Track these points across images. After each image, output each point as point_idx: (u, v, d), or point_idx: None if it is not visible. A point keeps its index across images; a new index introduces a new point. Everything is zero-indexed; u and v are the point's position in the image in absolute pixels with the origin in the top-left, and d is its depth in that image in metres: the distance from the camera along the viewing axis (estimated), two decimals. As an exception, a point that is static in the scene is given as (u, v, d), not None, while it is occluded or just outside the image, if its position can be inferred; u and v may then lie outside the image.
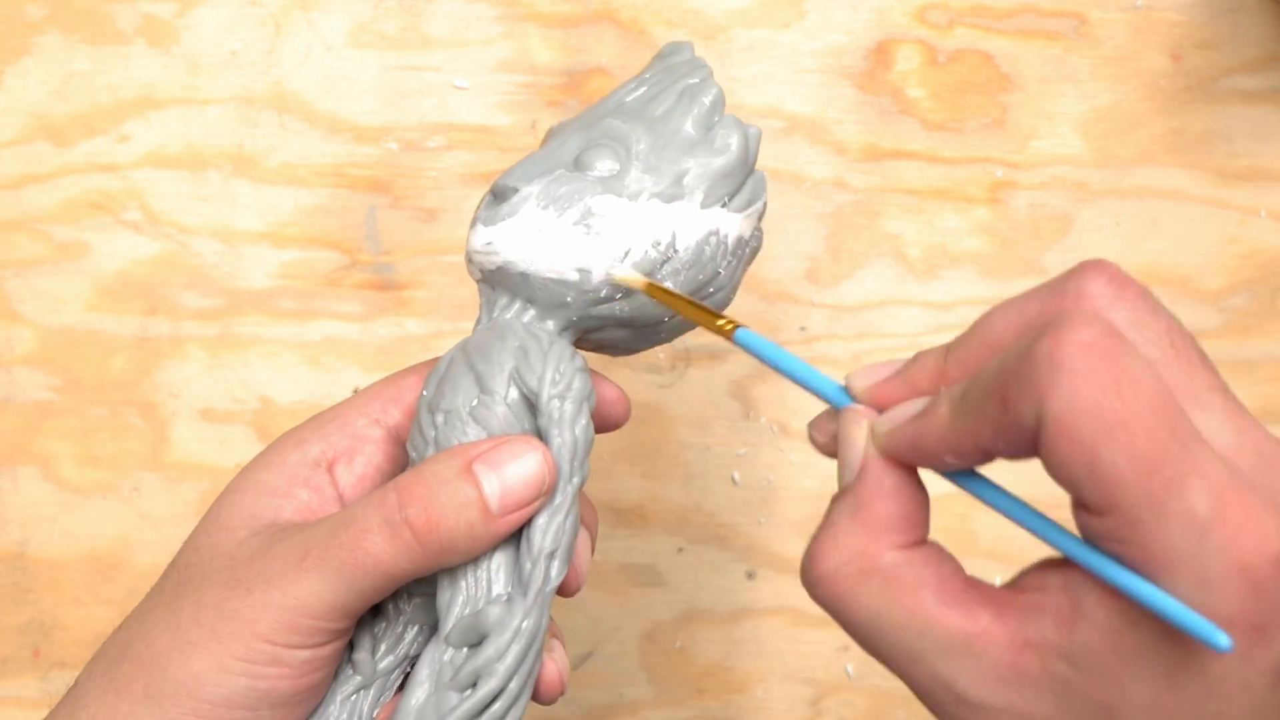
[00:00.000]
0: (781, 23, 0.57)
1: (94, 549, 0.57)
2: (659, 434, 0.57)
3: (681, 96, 0.41)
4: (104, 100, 0.57)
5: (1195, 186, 0.57)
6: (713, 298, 0.40)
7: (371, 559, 0.35)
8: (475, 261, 0.40)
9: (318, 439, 0.39)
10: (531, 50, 0.57)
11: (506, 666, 0.37)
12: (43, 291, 0.57)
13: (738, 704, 0.57)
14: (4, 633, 0.57)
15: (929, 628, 0.30)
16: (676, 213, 0.39)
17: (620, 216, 0.38)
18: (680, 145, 0.40)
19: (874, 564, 0.31)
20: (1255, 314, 0.57)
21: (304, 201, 0.57)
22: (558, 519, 0.37)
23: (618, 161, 0.39)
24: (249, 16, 0.57)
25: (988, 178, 0.57)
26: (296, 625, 0.35)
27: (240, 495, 0.39)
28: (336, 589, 0.35)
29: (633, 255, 0.38)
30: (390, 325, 0.57)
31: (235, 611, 0.35)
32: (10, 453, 0.57)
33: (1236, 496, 0.27)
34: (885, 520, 0.31)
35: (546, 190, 0.39)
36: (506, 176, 0.40)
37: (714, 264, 0.39)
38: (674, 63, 0.42)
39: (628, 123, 0.40)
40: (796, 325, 0.57)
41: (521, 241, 0.39)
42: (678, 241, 0.39)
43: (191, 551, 0.38)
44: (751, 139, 0.40)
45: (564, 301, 0.39)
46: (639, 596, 0.57)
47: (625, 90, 0.42)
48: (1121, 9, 0.58)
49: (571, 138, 0.41)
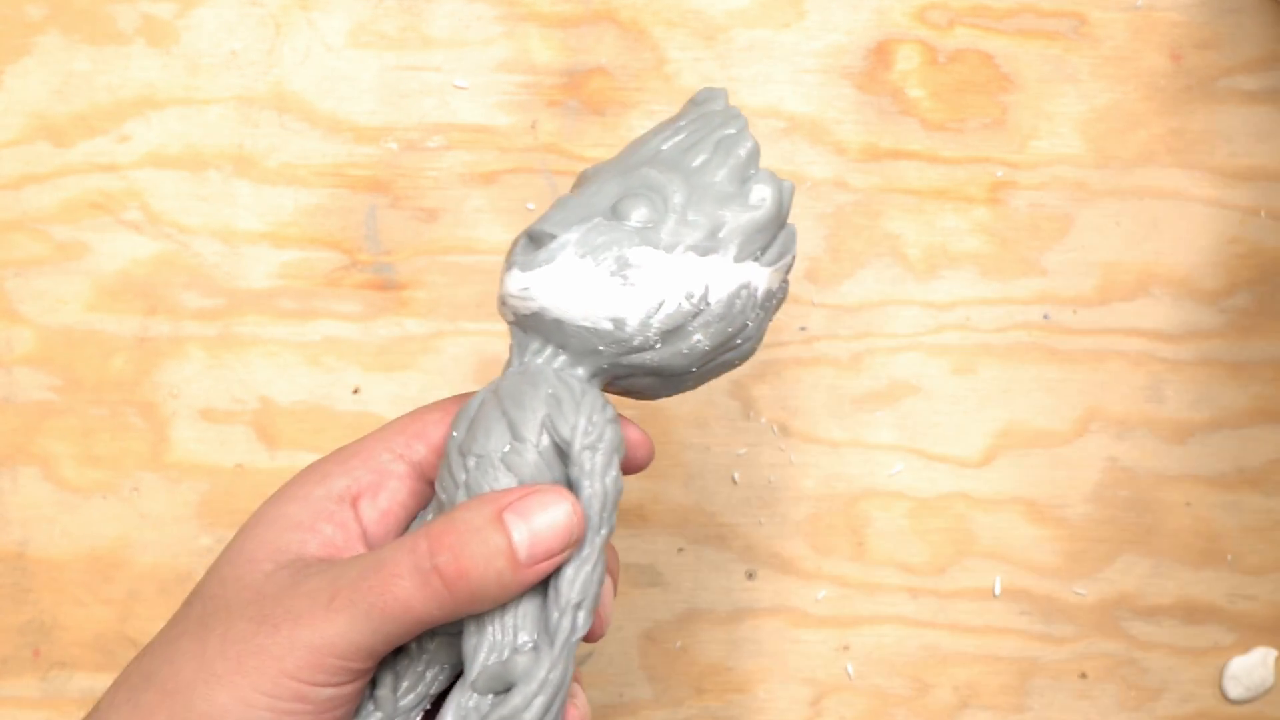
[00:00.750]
0: (781, 23, 0.57)
1: (94, 549, 0.57)
2: (659, 434, 0.57)
3: (718, 148, 0.41)
4: (104, 100, 0.57)
5: (1195, 186, 0.57)
6: (739, 349, 0.41)
7: (400, 604, 0.36)
8: (510, 305, 0.40)
9: (342, 473, 0.40)
10: (531, 50, 0.57)
11: (533, 716, 0.37)
12: (43, 291, 0.57)
13: (738, 704, 0.57)
14: (4, 633, 0.57)
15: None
16: (710, 266, 0.39)
17: (656, 268, 0.39)
18: (715, 198, 0.40)
19: None
20: (1255, 314, 0.57)
21: (304, 201, 0.57)
22: (585, 570, 0.38)
23: (654, 212, 0.40)
24: (249, 16, 0.57)
25: (988, 178, 0.57)
26: (323, 664, 0.36)
27: (265, 528, 0.39)
28: (364, 631, 0.36)
29: (666, 307, 0.39)
30: (390, 325, 0.57)
31: (262, 647, 0.36)
32: (10, 453, 0.57)
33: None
34: None
35: (585, 239, 0.39)
36: (544, 222, 0.40)
37: (743, 316, 0.40)
38: (709, 111, 0.42)
39: (665, 173, 0.40)
40: (796, 325, 0.57)
41: (558, 289, 0.39)
42: (710, 295, 0.39)
43: (217, 583, 0.38)
44: (785, 194, 0.41)
45: (596, 349, 0.39)
46: (639, 596, 0.57)
47: (661, 137, 0.42)
48: (1121, 9, 0.57)
49: (608, 184, 0.41)
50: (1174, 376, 0.57)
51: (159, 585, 0.57)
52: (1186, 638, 0.57)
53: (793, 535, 0.57)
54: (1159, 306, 0.57)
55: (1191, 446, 0.57)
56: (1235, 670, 0.57)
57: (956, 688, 0.57)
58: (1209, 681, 0.58)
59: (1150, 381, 0.57)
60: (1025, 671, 0.57)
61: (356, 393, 0.57)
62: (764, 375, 0.57)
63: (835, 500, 0.57)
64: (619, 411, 0.40)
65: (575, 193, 0.41)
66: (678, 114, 0.43)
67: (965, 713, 0.57)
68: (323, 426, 0.57)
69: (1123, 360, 0.57)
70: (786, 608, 0.57)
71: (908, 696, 0.57)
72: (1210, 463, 0.57)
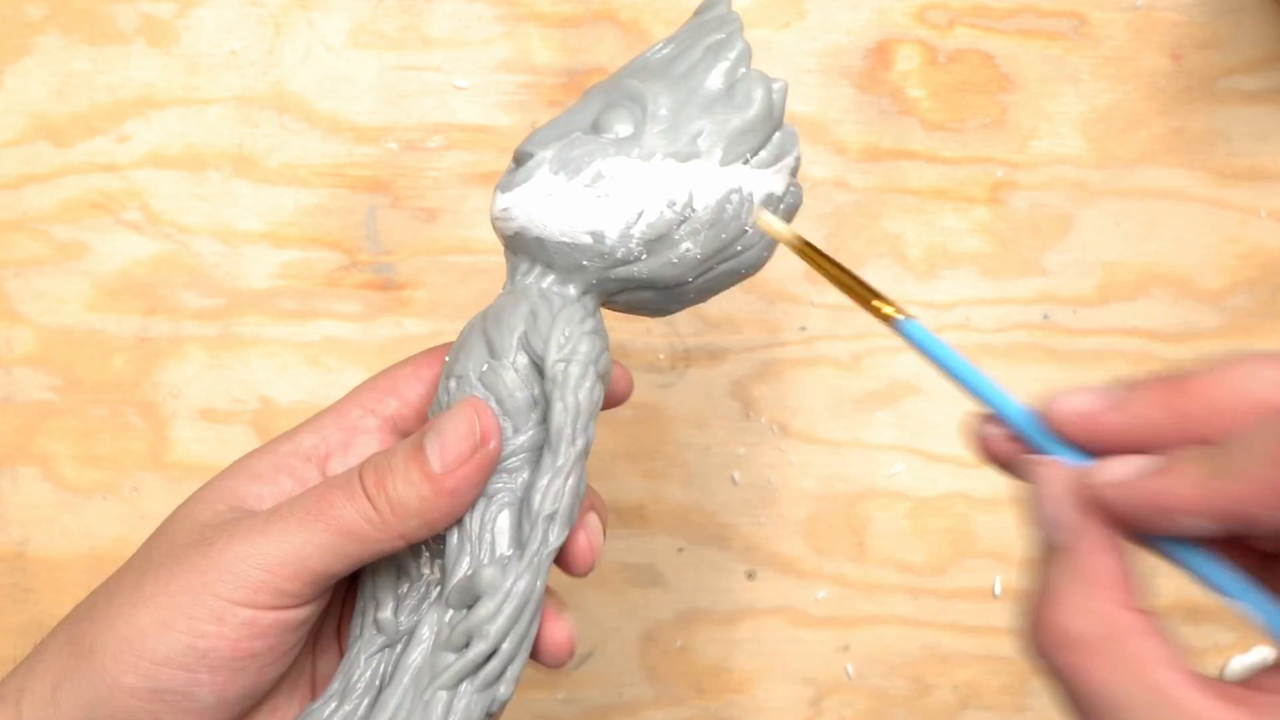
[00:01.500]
0: (781, 23, 0.57)
1: (94, 549, 0.57)
2: (659, 434, 0.57)
3: (706, 53, 0.40)
4: (104, 100, 0.57)
5: (1195, 186, 0.57)
6: (741, 256, 0.39)
7: (336, 522, 0.36)
8: (496, 227, 0.40)
9: (310, 431, 0.40)
10: (531, 50, 0.57)
11: (498, 628, 0.37)
12: (43, 291, 0.57)
13: (738, 704, 0.57)
14: (4, 633, 0.57)
15: (1177, 711, 0.28)
16: (693, 172, 0.38)
17: (633, 178, 0.38)
18: (700, 103, 0.39)
19: (1112, 630, 0.29)
20: (1255, 314, 0.57)
21: (304, 201, 0.57)
22: (558, 481, 0.37)
23: (633, 123, 0.39)
24: (249, 16, 0.57)
25: (988, 178, 0.57)
26: (251, 580, 0.35)
27: (226, 477, 0.39)
28: (296, 543, 0.36)
29: (646, 217, 0.38)
30: (390, 325, 0.57)
31: (193, 565, 0.36)
32: (10, 453, 0.57)
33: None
34: (1111, 579, 0.29)
35: (560, 154, 0.39)
36: (527, 141, 0.40)
37: (738, 222, 0.39)
38: (705, 19, 0.41)
39: (647, 82, 0.39)
40: (796, 325, 0.57)
41: (535, 206, 0.38)
42: (695, 201, 0.38)
43: (169, 521, 0.39)
44: (776, 93, 0.40)
45: (580, 265, 0.39)
46: (639, 596, 0.57)
47: (654, 49, 0.41)
48: (1121, 9, 0.57)
49: (594, 99, 0.40)
50: (1174, 376, 0.57)
51: (159, 585, 0.57)
52: (1186, 637, 0.57)
53: (793, 535, 0.57)
54: (1159, 306, 0.57)
55: (1191, 446, 0.57)
56: (1235, 670, 0.57)
57: (956, 688, 0.57)
58: (1209, 681, 0.58)
59: (1150, 381, 0.57)
60: (1025, 671, 0.57)
61: (356, 393, 0.57)
62: (764, 375, 0.57)
63: (835, 500, 0.57)
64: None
65: (565, 111, 0.41)
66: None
67: (965, 713, 0.57)
68: (323, 426, 0.57)
69: (1123, 360, 0.57)
70: (786, 608, 0.57)
71: (908, 696, 0.57)
72: (1210, 463, 0.57)
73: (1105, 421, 0.30)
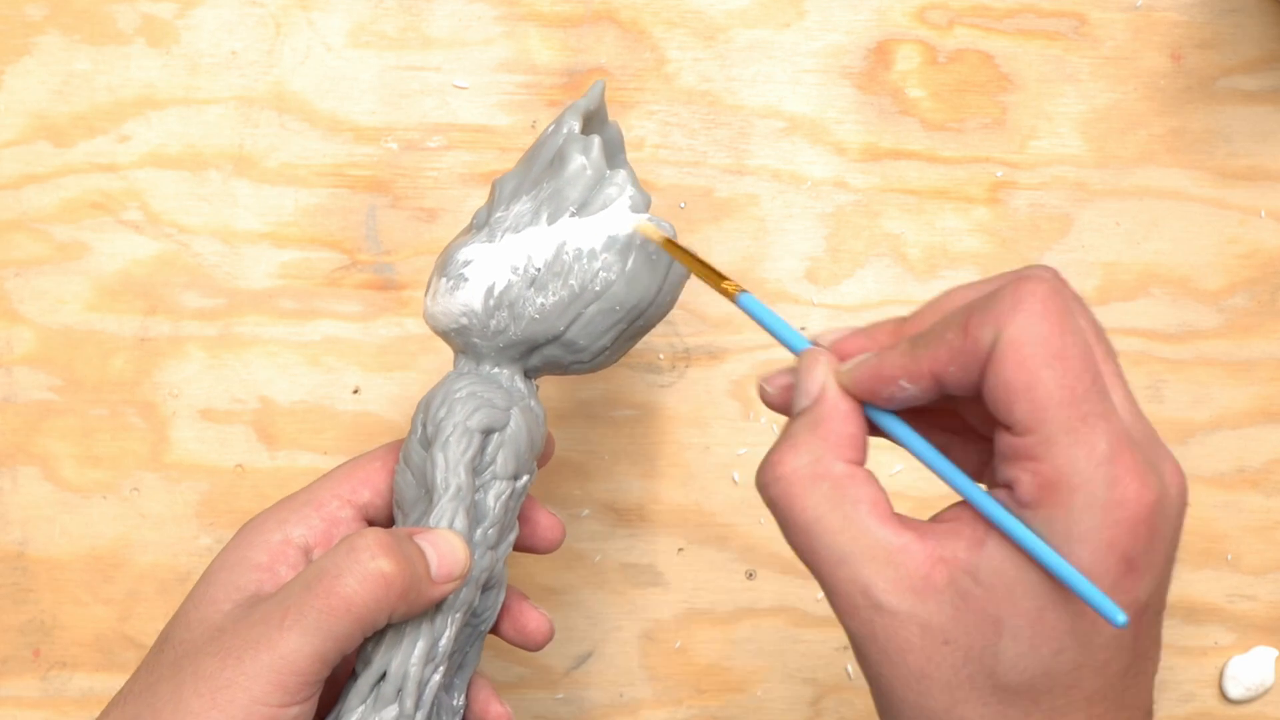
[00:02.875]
0: (781, 23, 0.57)
1: (94, 549, 0.57)
2: (659, 434, 0.57)
3: (553, 130, 0.45)
4: (104, 100, 0.57)
5: (1195, 186, 0.57)
6: (605, 295, 0.44)
7: (344, 602, 0.39)
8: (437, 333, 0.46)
9: (298, 520, 0.44)
10: (531, 50, 0.57)
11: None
12: (43, 291, 0.57)
13: (738, 704, 0.57)
14: (4, 633, 0.57)
15: (862, 535, 0.35)
16: (528, 238, 0.44)
17: (483, 258, 0.44)
18: (534, 177, 0.45)
19: (827, 470, 0.35)
20: (1255, 314, 0.57)
21: (304, 201, 0.57)
22: (443, 521, 0.43)
23: (488, 209, 0.45)
24: (249, 16, 0.57)
25: (988, 178, 0.57)
26: (286, 684, 0.39)
27: (226, 572, 0.43)
28: (315, 640, 0.39)
29: (498, 285, 0.44)
30: (390, 325, 0.57)
31: (231, 680, 0.39)
32: (10, 453, 0.57)
33: (1129, 448, 0.33)
34: (840, 436, 0.36)
35: (439, 259, 0.45)
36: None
37: (586, 267, 0.44)
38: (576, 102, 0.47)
39: (508, 172, 0.46)
40: (796, 325, 0.57)
41: (434, 307, 0.45)
42: (534, 261, 0.44)
43: (183, 627, 0.42)
44: (591, 147, 0.44)
45: (474, 343, 0.45)
46: (639, 596, 0.57)
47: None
48: (1121, 9, 0.57)
49: None
50: (1173, 376, 0.57)
51: (159, 585, 0.57)
52: (1186, 637, 0.57)
53: (793, 535, 0.57)
54: (1159, 306, 0.57)
55: (1191, 446, 0.57)
56: (1235, 670, 0.57)
57: (956, 688, 0.57)
58: (1209, 681, 0.58)
59: (1150, 381, 0.57)
60: (1025, 671, 0.57)
61: (356, 393, 0.57)
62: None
63: (835, 500, 0.57)
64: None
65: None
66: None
67: (965, 713, 0.57)
68: (323, 426, 0.57)
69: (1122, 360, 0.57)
70: (786, 608, 0.57)
71: (908, 696, 0.57)
72: (1210, 463, 0.57)
73: (852, 344, 0.37)
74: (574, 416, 0.57)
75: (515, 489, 0.44)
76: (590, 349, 0.45)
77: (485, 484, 0.44)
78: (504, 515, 0.44)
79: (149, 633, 0.57)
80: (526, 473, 0.45)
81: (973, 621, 0.33)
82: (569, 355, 0.45)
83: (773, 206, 0.57)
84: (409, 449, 0.44)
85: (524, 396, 0.45)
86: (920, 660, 0.34)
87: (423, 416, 0.44)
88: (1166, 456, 0.35)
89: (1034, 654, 0.33)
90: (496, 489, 0.44)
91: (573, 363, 0.45)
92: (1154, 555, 0.33)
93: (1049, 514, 0.32)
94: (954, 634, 0.34)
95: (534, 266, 0.44)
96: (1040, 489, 0.33)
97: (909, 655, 0.34)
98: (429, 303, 0.45)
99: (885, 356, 0.35)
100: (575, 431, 0.57)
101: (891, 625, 0.34)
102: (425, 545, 0.41)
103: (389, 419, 0.57)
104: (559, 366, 0.46)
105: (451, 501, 0.42)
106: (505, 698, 0.57)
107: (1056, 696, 0.33)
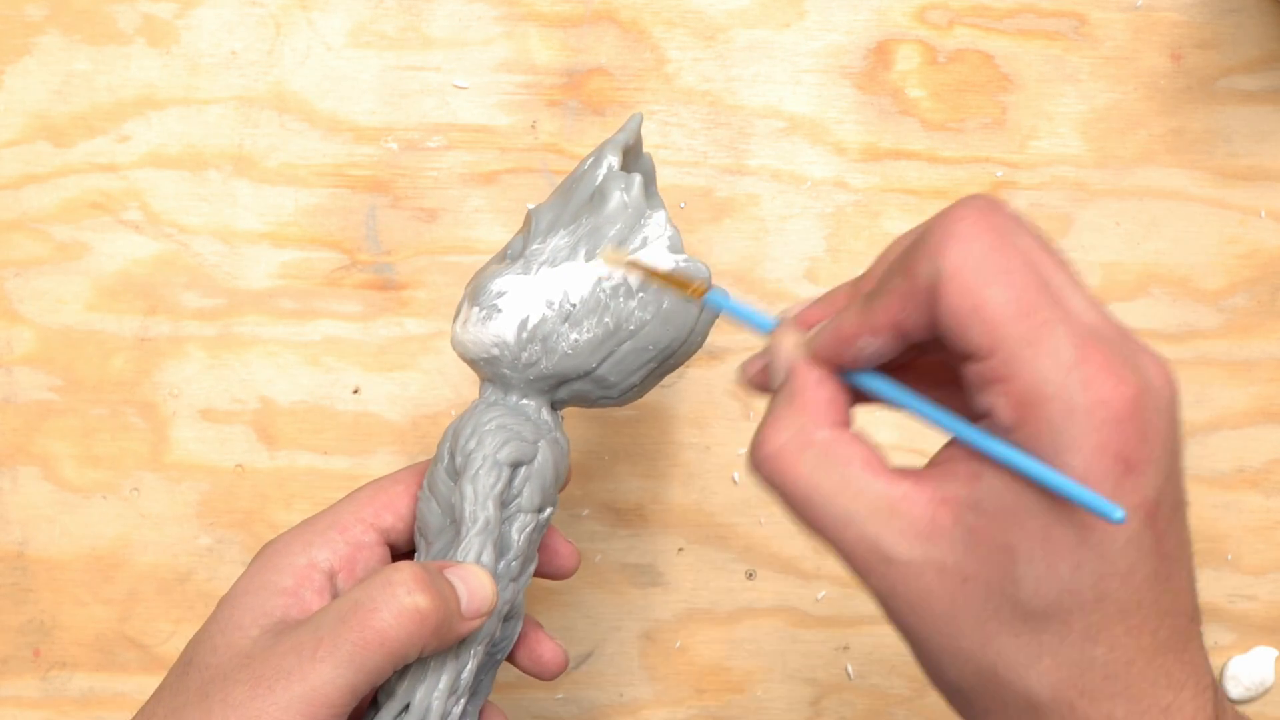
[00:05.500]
0: (781, 23, 0.57)
1: (94, 549, 0.57)
2: (659, 434, 0.57)
3: (589, 165, 0.45)
4: (104, 100, 0.57)
5: (1195, 186, 0.57)
6: (640, 334, 0.44)
7: (378, 636, 0.39)
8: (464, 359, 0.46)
9: (323, 543, 0.44)
10: (531, 50, 0.57)
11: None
12: (43, 291, 0.57)
13: (738, 704, 0.57)
14: (4, 633, 0.57)
15: (860, 493, 0.34)
16: (565, 273, 0.44)
17: (518, 290, 0.44)
18: (572, 212, 0.45)
19: (811, 438, 0.35)
20: (1255, 314, 0.57)
21: (304, 201, 0.57)
22: (470, 555, 0.43)
23: (523, 241, 0.45)
24: (249, 16, 0.57)
25: (988, 178, 0.57)
26: (316, 715, 0.38)
27: (251, 595, 0.42)
28: (348, 672, 0.39)
29: (532, 319, 0.44)
30: (390, 325, 0.57)
31: (261, 710, 0.38)
32: (10, 453, 0.57)
33: (1096, 345, 0.32)
34: (817, 404, 0.36)
35: (470, 286, 0.45)
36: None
37: (622, 305, 0.44)
38: (614, 136, 0.47)
39: (544, 203, 0.46)
40: (796, 325, 0.57)
41: (464, 335, 0.45)
42: (570, 296, 0.44)
43: (209, 651, 0.41)
44: (632, 186, 0.44)
45: (504, 374, 0.45)
46: (639, 596, 0.57)
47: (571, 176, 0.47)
48: (1121, 9, 0.58)
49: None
50: (1174, 376, 0.57)
51: (159, 585, 0.57)
52: (1186, 638, 0.57)
53: (793, 535, 0.57)
54: (1159, 306, 0.57)
55: (1191, 446, 0.57)
56: (1235, 670, 0.57)
57: (956, 688, 0.57)
58: (1209, 681, 0.58)
59: (1150, 381, 0.57)
60: (1025, 671, 0.57)
61: (356, 393, 0.57)
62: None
63: (835, 500, 0.57)
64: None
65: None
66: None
67: (965, 713, 0.57)
68: (323, 426, 0.57)
69: (1123, 360, 0.57)
70: (786, 608, 0.57)
71: (908, 696, 0.57)
72: (1210, 463, 0.57)
73: (814, 313, 0.38)
74: (574, 416, 0.57)
75: (539, 521, 0.44)
76: (620, 385, 0.45)
77: (510, 516, 0.44)
78: (527, 548, 0.44)
79: (149, 633, 0.57)
80: (550, 505, 0.45)
81: (986, 554, 0.33)
82: (598, 390, 0.45)
83: (773, 206, 0.57)
84: (435, 477, 0.44)
85: (550, 429, 0.45)
86: (944, 603, 0.33)
87: (450, 446, 0.44)
88: (1143, 350, 0.34)
89: (1052, 574, 0.32)
90: (521, 521, 0.44)
91: (600, 397, 0.46)
92: (1151, 450, 0.32)
93: (1032, 431, 0.32)
94: (970, 570, 0.33)
95: (569, 302, 0.44)
96: (1016, 408, 0.32)
97: (932, 601, 0.34)
98: (458, 329, 0.45)
99: (843, 317, 0.35)
100: (575, 431, 0.57)
101: (908, 575, 0.34)
102: (456, 581, 0.41)
103: (389, 419, 0.57)
104: (586, 400, 0.46)
105: (479, 535, 0.42)
106: (505, 698, 0.57)
107: (1088, 613, 0.32)
